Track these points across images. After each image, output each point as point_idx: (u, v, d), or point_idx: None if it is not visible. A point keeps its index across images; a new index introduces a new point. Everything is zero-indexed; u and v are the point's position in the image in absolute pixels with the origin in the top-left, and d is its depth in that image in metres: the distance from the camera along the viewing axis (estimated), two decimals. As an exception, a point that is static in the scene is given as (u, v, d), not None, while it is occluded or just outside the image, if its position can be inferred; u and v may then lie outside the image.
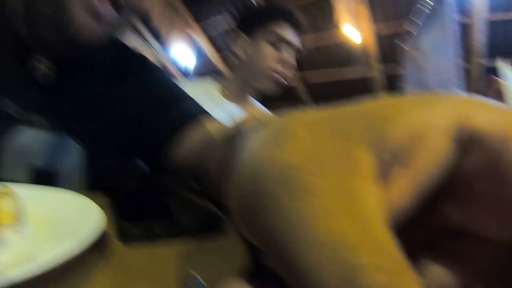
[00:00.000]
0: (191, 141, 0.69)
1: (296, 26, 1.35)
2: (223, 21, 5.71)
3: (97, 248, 0.32)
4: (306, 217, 0.14)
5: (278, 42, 1.32)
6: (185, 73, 7.06)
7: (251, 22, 1.36)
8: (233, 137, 0.46)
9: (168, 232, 0.37)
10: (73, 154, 0.69)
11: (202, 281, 0.27)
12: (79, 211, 0.36)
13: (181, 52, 6.67)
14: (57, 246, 0.28)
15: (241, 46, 1.37)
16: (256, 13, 1.40)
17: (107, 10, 0.61)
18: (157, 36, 6.76)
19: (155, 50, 7.05)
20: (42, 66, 0.66)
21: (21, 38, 0.66)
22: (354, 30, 5.18)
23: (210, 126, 0.69)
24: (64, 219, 0.35)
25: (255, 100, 1.51)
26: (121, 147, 0.77)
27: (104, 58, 0.77)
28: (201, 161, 0.66)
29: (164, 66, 7.31)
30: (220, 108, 1.37)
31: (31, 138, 0.65)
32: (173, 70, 7.13)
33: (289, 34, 1.33)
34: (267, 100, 1.52)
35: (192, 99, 0.79)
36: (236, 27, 1.40)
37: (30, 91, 0.66)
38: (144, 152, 0.81)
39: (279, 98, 1.53)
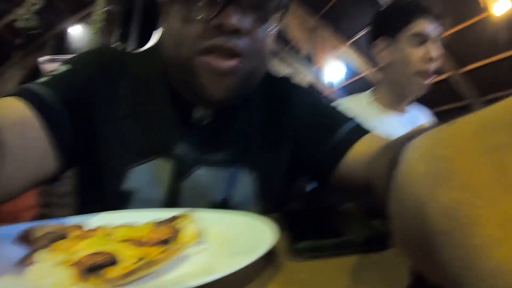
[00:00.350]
0: (356, 159, 0.69)
1: (435, 17, 1.24)
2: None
3: (269, 262, 0.36)
4: (478, 249, 0.16)
5: (421, 40, 1.23)
6: (339, 90, 7.03)
7: (389, 27, 1.29)
8: (396, 154, 0.44)
9: (335, 248, 0.38)
10: (247, 184, 0.73)
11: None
12: (253, 230, 0.41)
13: (333, 71, 6.68)
14: (232, 260, 0.32)
15: (385, 54, 1.32)
16: (391, 16, 1.33)
17: (226, 65, 0.62)
18: (308, 60, 6.97)
19: (307, 73, 7.26)
20: (203, 115, 0.71)
21: (182, 98, 0.72)
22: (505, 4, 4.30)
23: (373, 142, 0.68)
24: (240, 237, 0.40)
25: (415, 105, 1.43)
26: (289, 172, 0.79)
27: (255, 95, 0.79)
28: (367, 179, 0.65)
29: (318, 87, 7.46)
30: (380, 121, 1.31)
31: (208, 176, 0.70)
32: (327, 90, 7.18)
33: (430, 28, 1.23)
34: (428, 102, 1.42)
35: (352, 118, 0.78)
36: (376, 35, 1.35)
37: (200, 137, 0.72)
38: (310, 174, 0.83)
39: (442, 98, 1.40)
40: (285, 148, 0.78)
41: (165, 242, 0.36)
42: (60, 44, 8.10)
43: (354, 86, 6.79)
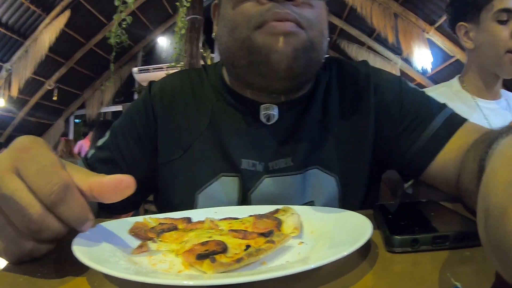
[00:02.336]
0: (450, 156, 0.66)
1: None
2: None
3: (365, 254, 0.37)
4: None
5: (504, 17, 1.12)
6: (431, 77, 6.59)
7: (470, 9, 1.20)
8: (485, 152, 0.43)
9: (430, 242, 0.38)
10: (329, 186, 0.71)
11: (460, 286, 0.27)
12: (350, 224, 0.42)
13: (423, 57, 6.25)
14: (330, 252, 0.34)
15: (469, 38, 1.23)
16: None
17: (284, 27, 0.61)
18: (396, 48, 6.62)
19: (396, 62, 6.90)
20: (270, 113, 0.70)
21: (249, 99, 0.73)
22: None
23: (467, 136, 0.66)
24: (337, 231, 0.41)
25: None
26: (373, 168, 0.75)
27: (328, 84, 0.76)
28: (459, 174, 0.62)
29: (407, 76, 7.04)
30: (473, 108, 1.22)
31: (275, 186, 0.69)
32: (419, 77, 6.76)
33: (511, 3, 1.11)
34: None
35: (445, 106, 0.73)
36: (456, 19, 1.26)
37: (266, 145, 0.71)
38: (398, 171, 0.79)
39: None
40: (366, 143, 0.73)
41: (268, 233, 0.39)
42: (149, 55, 8.72)
43: (447, 70, 6.35)
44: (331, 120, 0.73)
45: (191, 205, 0.71)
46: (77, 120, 9.69)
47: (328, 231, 0.42)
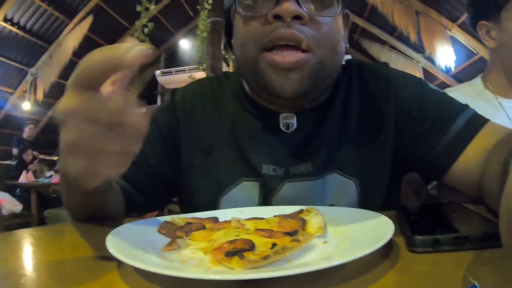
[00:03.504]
0: (472, 159, 0.65)
1: None
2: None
3: (387, 253, 0.39)
4: None
5: None
6: (455, 75, 6.46)
7: (490, 7, 1.17)
8: (509, 154, 0.43)
9: (451, 243, 0.39)
10: (348, 189, 0.71)
11: (477, 285, 0.28)
12: (372, 224, 0.43)
13: (446, 55, 6.12)
14: (353, 250, 0.35)
15: (491, 37, 1.20)
16: None
17: (288, 60, 0.61)
18: (418, 46, 6.53)
19: (419, 60, 6.80)
20: (289, 121, 0.71)
21: (267, 108, 0.74)
22: None
23: (490, 137, 0.65)
24: (360, 231, 0.43)
25: None
26: (394, 170, 0.74)
27: (347, 89, 0.76)
28: (482, 176, 0.61)
29: (430, 74, 6.91)
30: (496, 108, 1.19)
31: (295, 190, 0.70)
32: (442, 76, 6.64)
33: None
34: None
35: (466, 107, 0.73)
36: (477, 18, 1.24)
37: (285, 151, 0.72)
38: (419, 173, 0.79)
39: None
40: (386, 146, 0.73)
41: (293, 232, 0.40)
42: (172, 57, 8.84)
43: (471, 68, 6.22)
44: (351, 124, 0.74)
45: (214, 209, 0.72)
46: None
47: (351, 231, 0.43)
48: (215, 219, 0.52)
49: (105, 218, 0.66)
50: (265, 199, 0.71)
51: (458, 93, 1.22)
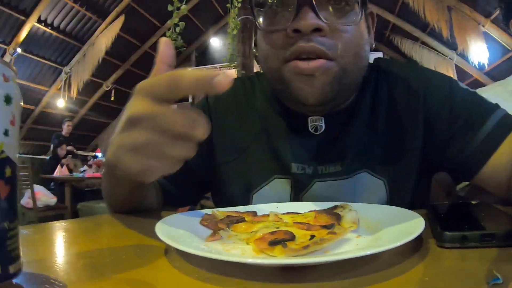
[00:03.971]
0: (503, 160, 0.65)
1: None
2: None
3: (417, 248, 0.41)
4: None
5: None
6: (486, 73, 6.26)
7: None
8: None
9: (478, 240, 0.41)
10: (377, 189, 0.73)
11: (500, 278, 0.31)
12: (404, 220, 0.46)
13: (480, 51, 5.92)
14: (383, 243, 0.38)
15: None
16: None
17: (312, 65, 0.62)
18: (451, 43, 6.36)
19: (452, 57, 6.63)
20: (317, 124, 0.72)
21: (295, 111, 0.75)
22: None
23: None
24: (392, 226, 0.45)
25: None
26: (421, 172, 0.75)
27: (373, 91, 0.76)
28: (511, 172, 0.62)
29: (463, 71, 6.71)
30: None
31: (325, 190, 0.72)
32: (476, 73, 6.44)
33: None
34: None
35: (497, 107, 0.71)
36: (509, 16, 1.22)
37: (314, 152, 0.74)
38: (453, 172, 0.78)
39: None
40: (415, 146, 0.74)
41: (330, 226, 0.43)
42: (203, 55, 8.96)
43: (506, 65, 6.02)
44: (380, 123, 0.74)
45: (247, 204, 0.76)
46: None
47: (383, 226, 0.46)
48: (253, 213, 0.56)
49: (143, 211, 0.72)
50: (296, 197, 0.74)
51: (489, 94, 1.21)
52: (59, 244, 0.54)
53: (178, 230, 0.46)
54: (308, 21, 0.60)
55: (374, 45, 0.76)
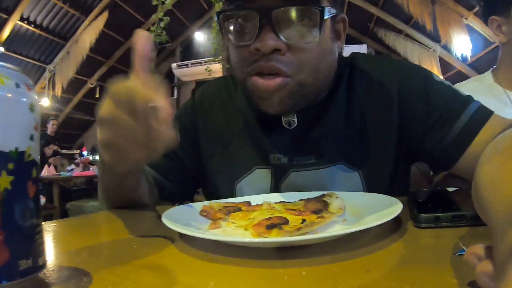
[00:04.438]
0: (479, 150, 0.67)
1: None
2: None
3: (397, 229, 0.46)
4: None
5: None
6: (469, 64, 6.38)
7: (501, 3, 1.20)
8: None
9: (451, 220, 0.47)
10: (353, 180, 0.76)
11: (465, 249, 0.35)
12: (385, 205, 0.50)
13: (462, 44, 6.02)
14: (366, 224, 0.43)
15: (501, 32, 1.22)
16: None
17: (269, 86, 0.67)
18: (434, 35, 6.47)
19: (435, 49, 6.74)
20: (291, 119, 0.76)
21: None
22: None
23: (497, 128, 0.68)
24: (374, 210, 0.50)
25: None
26: (397, 163, 0.78)
27: (348, 86, 0.79)
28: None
29: (447, 63, 6.84)
30: (503, 102, 1.22)
31: (301, 179, 0.77)
32: (456, 65, 6.56)
33: None
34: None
35: (472, 100, 0.74)
36: (488, 13, 1.26)
37: (290, 144, 0.78)
38: (431, 163, 0.81)
39: None
40: (391, 139, 0.76)
41: (319, 211, 0.48)
42: (187, 50, 8.92)
43: (488, 57, 6.13)
44: (355, 117, 0.77)
45: (231, 194, 0.82)
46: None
47: (366, 211, 0.51)
48: (248, 203, 0.61)
49: (138, 205, 0.76)
50: (276, 185, 0.79)
51: (466, 89, 1.27)
52: (69, 239, 0.57)
53: (182, 220, 0.51)
54: (267, 41, 0.63)
55: (344, 49, 0.78)
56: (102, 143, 0.49)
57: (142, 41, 0.46)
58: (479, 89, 1.27)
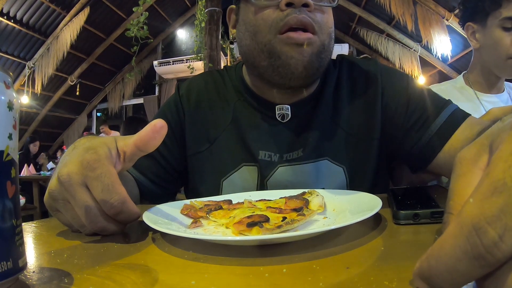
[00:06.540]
0: (455, 150, 0.71)
1: None
2: None
3: (377, 225, 0.47)
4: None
5: (509, 24, 1.18)
6: (449, 64, 6.51)
7: (478, 11, 1.26)
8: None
9: (429, 216, 0.47)
10: (337, 175, 0.78)
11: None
12: (365, 202, 0.51)
13: (443, 44, 6.15)
14: (346, 221, 0.44)
15: (475, 38, 1.29)
16: (480, 0, 1.27)
17: (303, 36, 0.69)
18: (415, 35, 6.58)
19: (416, 49, 6.85)
20: (284, 112, 0.79)
21: (265, 100, 0.81)
22: None
23: (471, 129, 0.71)
24: (354, 207, 0.51)
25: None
26: (379, 161, 0.81)
27: (337, 84, 0.83)
28: None
29: (427, 63, 6.96)
30: (476, 104, 1.29)
31: (288, 174, 0.78)
32: (439, 65, 6.68)
33: None
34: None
35: (449, 102, 0.78)
36: (465, 19, 1.33)
37: (280, 140, 0.80)
38: (409, 162, 0.84)
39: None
40: (373, 138, 0.80)
41: (299, 209, 0.48)
42: (169, 47, 8.84)
43: (468, 57, 6.26)
44: (341, 116, 0.80)
45: (217, 191, 0.82)
46: (99, 114, 9.90)
47: (346, 208, 0.51)
48: (229, 201, 0.61)
49: None
50: (262, 182, 0.79)
51: (437, 89, 1.30)
52: (50, 240, 0.55)
53: (163, 219, 0.50)
54: None
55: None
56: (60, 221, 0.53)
57: (155, 131, 0.51)
58: (450, 91, 1.33)
